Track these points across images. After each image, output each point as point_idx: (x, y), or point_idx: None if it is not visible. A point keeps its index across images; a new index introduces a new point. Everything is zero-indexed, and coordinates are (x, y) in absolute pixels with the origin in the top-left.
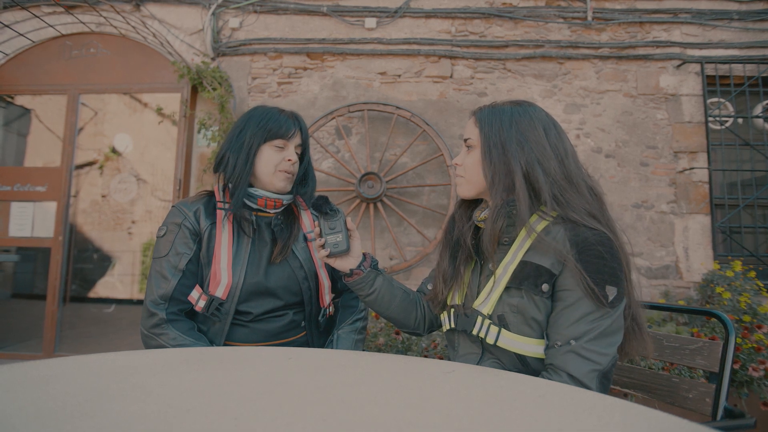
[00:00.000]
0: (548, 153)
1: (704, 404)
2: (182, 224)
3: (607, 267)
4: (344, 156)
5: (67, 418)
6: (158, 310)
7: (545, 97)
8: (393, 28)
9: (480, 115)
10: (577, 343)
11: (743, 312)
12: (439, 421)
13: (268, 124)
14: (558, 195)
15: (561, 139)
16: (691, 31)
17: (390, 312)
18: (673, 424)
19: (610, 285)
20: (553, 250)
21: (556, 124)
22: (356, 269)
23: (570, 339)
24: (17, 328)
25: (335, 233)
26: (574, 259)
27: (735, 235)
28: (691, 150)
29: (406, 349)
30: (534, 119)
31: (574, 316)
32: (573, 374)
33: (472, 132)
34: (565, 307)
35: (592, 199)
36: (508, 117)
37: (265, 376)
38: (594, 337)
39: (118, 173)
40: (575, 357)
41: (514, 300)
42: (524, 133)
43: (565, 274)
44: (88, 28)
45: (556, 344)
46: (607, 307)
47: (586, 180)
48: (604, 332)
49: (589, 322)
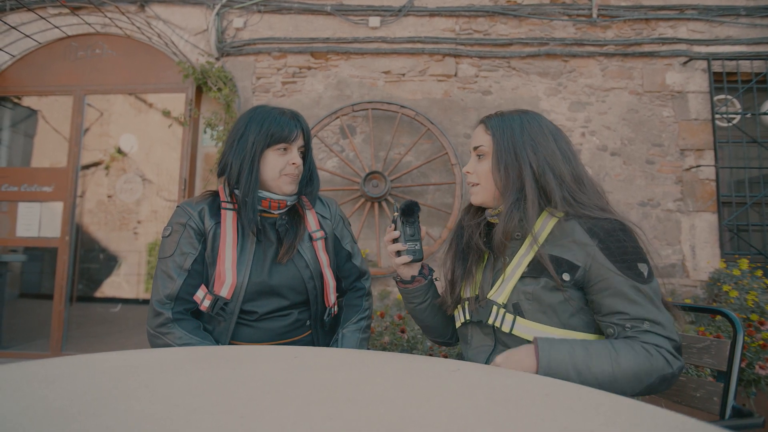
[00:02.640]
0: (558, 157)
1: (712, 403)
2: (187, 224)
3: (631, 248)
4: (349, 155)
5: (75, 416)
6: (164, 309)
7: (550, 95)
8: (397, 27)
9: (491, 122)
10: (652, 325)
11: (750, 310)
12: (444, 419)
13: (271, 129)
14: (569, 197)
15: (568, 143)
16: (698, 27)
17: (434, 321)
18: (680, 423)
19: (640, 262)
20: (574, 243)
21: (559, 130)
22: (418, 276)
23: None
24: (24, 327)
25: (414, 240)
26: (599, 249)
27: (742, 233)
28: (698, 147)
29: (411, 348)
30: (543, 126)
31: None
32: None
33: (484, 139)
34: (613, 293)
35: (599, 195)
36: (518, 124)
37: (271, 375)
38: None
39: (123, 173)
40: (655, 336)
41: (529, 288)
42: (535, 139)
43: (596, 266)
44: (93, 29)
45: (626, 327)
46: (646, 282)
47: (592, 180)
48: (660, 308)
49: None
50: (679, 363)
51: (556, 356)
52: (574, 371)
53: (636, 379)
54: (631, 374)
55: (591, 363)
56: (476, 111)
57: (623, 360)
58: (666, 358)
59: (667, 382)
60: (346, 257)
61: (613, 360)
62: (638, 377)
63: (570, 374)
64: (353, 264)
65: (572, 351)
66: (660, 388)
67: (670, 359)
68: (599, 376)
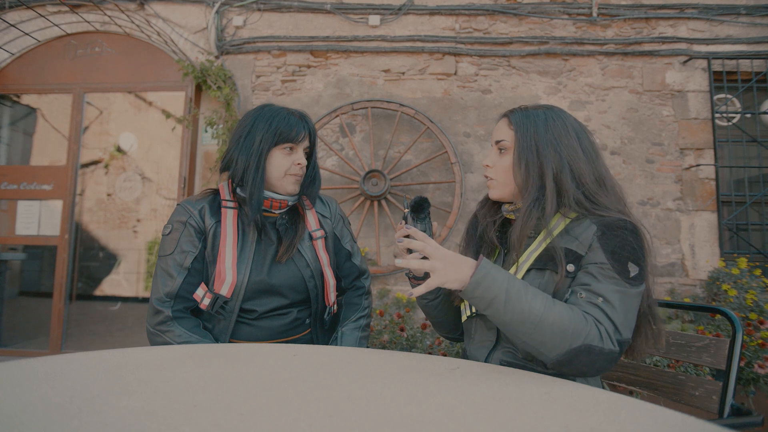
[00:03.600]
0: (581, 156)
1: (711, 402)
2: (187, 222)
3: (630, 246)
4: (348, 154)
5: (75, 413)
6: (164, 307)
7: (550, 94)
8: (397, 26)
9: (515, 117)
10: (605, 303)
11: (749, 309)
12: (444, 417)
13: (279, 128)
14: (586, 197)
15: (592, 143)
16: (698, 26)
17: (447, 317)
18: (679, 421)
19: (632, 263)
20: (581, 235)
21: (586, 129)
22: None
23: (598, 297)
24: (24, 325)
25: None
26: (596, 237)
27: (742, 233)
28: (698, 147)
29: (411, 346)
30: (567, 124)
31: (602, 275)
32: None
33: (506, 134)
34: (591, 270)
35: (619, 198)
36: (542, 121)
37: (271, 373)
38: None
39: (123, 172)
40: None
41: (535, 281)
42: (558, 138)
43: (590, 252)
44: (93, 27)
45: (580, 294)
46: (629, 282)
47: (613, 182)
48: (627, 307)
49: (615, 292)
50: (613, 348)
51: (495, 275)
52: (504, 294)
53: (561, 333)
54: (558, 325)
55: (524, 296)
56: (476, 110)
57: (557, 309)
58: (600, 333)
59: (592, 356)
60: (346, 256)
61: (547, 305)
62: (564, 332)
63: (500, 295)
64: (353, 263)
65: (511, 279)
66: (580, 359)
67: (605, 337)
68: (526, 311)
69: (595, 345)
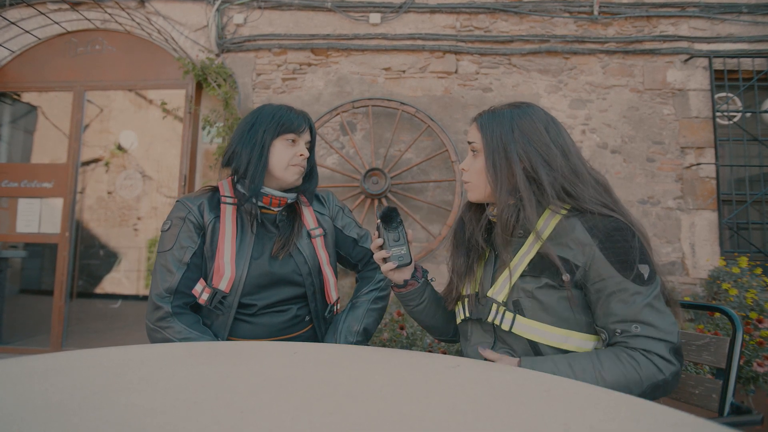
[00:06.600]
0: (552, 150)
1: (711, 400)
2: (186, 218)
3: (632, 248)
4: (349, 152)
5: (75, 410)
6: (163, 303)
7: (551, 93)
8: (398, 24)
9: (481, 120)
10: (642, 327)
11: (750, 308)
12: (444, 415)
13: (281, 119)
14: (567, 188)
15: (561, 135)
16: (699, 25)
17: (434, 321)
18: (679, 419)
19: (641, 264)
20: (573, 242)
21: (555, 121)
22: (411, 280)
23: (632, 324)
24: (25, 323)
25: (399, 245)
26: (598, 248)
27: (742, 231)
28: (698, 145)
29: (411, 345)
30: (534, 119)
31: (623, 299)
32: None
33: (476, 137)
34: (609, 294)
35: (601, 190)
36: (508, 120)
37: (271, 370)
38: (649, 314)
39: (123, 170)
40: (645, 339)
41: (529, 286)
42: (526, 134)
43: (595, 266)
44: (93, 25)
45: (616, 332)
46: (647, 284)
47: (590, 172)
48: (660, 311)
49: (644, 307)
50: (674, 367)
51: (539, 366)
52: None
53: (624, 389)
54: (616, 385)
55: (572, 375)
56: (477, 108)
57: (608, 373)
58: (656, 364)
59: (660, 389)
60: (353, 243)
61: (598, 374)
62: (626, 386)
63: None
64: (362, 247)
65: (555, 369)
66: (655, 395)
67: (661, 365)
68: None
69: (658, 381)
